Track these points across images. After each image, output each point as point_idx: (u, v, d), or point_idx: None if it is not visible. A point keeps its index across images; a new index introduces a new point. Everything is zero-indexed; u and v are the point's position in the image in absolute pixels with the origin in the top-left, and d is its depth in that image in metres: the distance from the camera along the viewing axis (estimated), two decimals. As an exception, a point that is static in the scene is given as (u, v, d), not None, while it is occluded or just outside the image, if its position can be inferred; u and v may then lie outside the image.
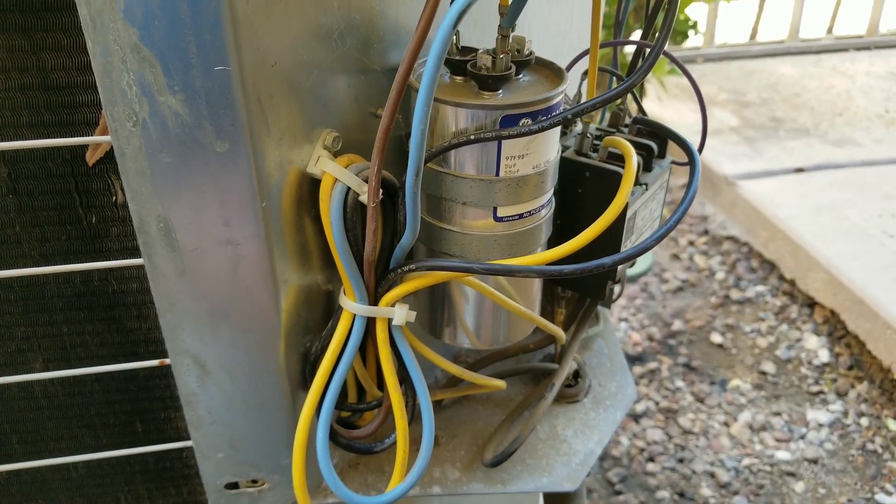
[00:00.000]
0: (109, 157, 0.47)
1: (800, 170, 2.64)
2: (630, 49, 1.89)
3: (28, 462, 0.59)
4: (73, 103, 0.45)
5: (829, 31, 3.99)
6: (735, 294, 2.23)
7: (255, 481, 0.61)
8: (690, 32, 2.75)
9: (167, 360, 0.54)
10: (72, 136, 0.46)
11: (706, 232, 2.54)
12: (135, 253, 0.51)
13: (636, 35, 2.09)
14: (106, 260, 0.51)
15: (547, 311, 0.73)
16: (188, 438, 0.58)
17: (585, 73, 0.64)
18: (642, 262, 2.32)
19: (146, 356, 0.56)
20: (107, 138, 0.45)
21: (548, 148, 0.52)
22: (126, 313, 0.54)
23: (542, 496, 0.81)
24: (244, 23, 0.40)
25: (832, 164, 2.68)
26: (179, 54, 0.40)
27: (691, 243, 2.50)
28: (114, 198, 0.49)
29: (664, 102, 2.92)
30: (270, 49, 0.43)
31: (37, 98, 0.44)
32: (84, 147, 0.47)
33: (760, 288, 2.25)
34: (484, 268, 0.49)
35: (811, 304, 2.14)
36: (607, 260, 0.47)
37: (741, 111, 3.16)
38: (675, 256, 2.45)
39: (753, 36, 3.94)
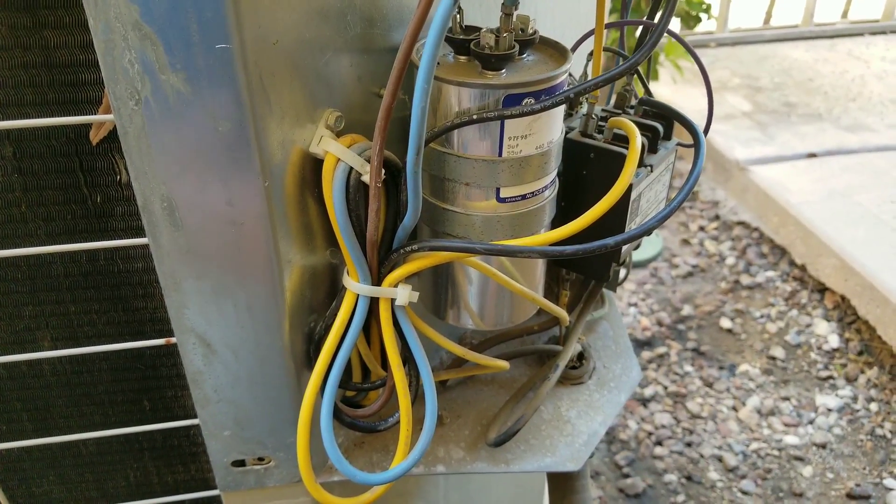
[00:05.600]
0: (113, 136, 0.47)
1: (812, 155, 2.62)
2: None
3: (38, 439, 0.60)
4: (77, 81, 0.45)
5: (844, 15, 3.93)
6: (745, 279, 2.22)
7: (261, 459, 0.62)
8: (703, 16, 2.72)
9: (173, 339, 0.55)
10: (75, 115, 0.46)
11: (717, 217, 2.53)
12: (140, 232, 0.51)
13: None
14: (111, 239, 0.52)
15: (552, 293, 0.73)
16: (195, 416, 0.59)
17: (592, 54, 0.64)
18: (652, 247, 2.31)
19: (152, 335, 0.56)
20: (110, 117, 0.46)
21: (551, 128, 0.52)
22: (132, 292, 0.54)
23: (547, 476, 0.82)
24: (245, 0, 0.40)
25: (845, 149, 2.65)
26: (180, 32, 0.40)
27: (702, 228, 2.49)
28: (118, 177, 0.49)
29: (677, 88, 2.90)
30: (272, 27, 0.43)
31: (40, 76, 0.45)
32: (88, 126, 0.47)
33: (771, 273, 2.24)
34: (486, 248, 0.49)
35: (822, 289, 2.12)
36: (610, 240, 0.47)
37: (754, 96, 3.13)
38: (686, 241, 2.44)
39: (767, 20, 3.89)
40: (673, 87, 2.91)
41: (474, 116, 0.49)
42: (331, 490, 0.58)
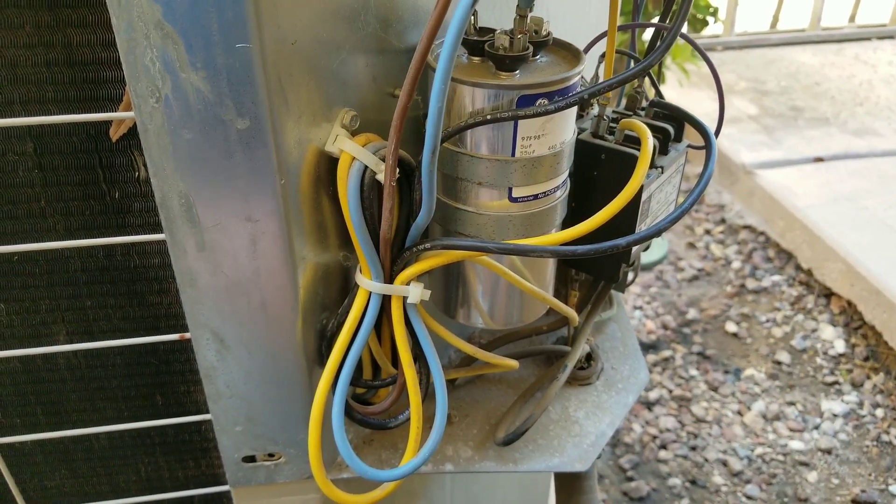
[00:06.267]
0: (133, 133, 0.48)
1: (819, 159, 2.62)
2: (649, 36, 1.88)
3: (52, 433, 0.61)
4: (98, 79, 0.46)
5: (852, 19, 3.93)
6: (751, 283, 2.22)
7: (271, 455, 0.62)
8: (710, 20, 2.72)
9: (187, 335, 0.56)
10: (96, 112, 0.47)
11: (723, 221, 2.53)
12: (157, 228, 0.52)
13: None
14: (128, 235, 0.52)
15: (561, 294, 0.74)
16: (207, 412, 0.59)
17: (603, 56, 0.64)
18: (658, 250, 2.31)
19: (167, 330, 0.57)
20: (130, 114, 0.46)
21: (564, 129, 0.53)
22: (147, 288, 0.55)
23: (554, 476, 0.82)
24: (265, 0, 0.41)
25: (852, 153, 2.65)
26: (201, 31, 0.41)
27: (708, 232, 2.49)
28: (136, 173, 0.50)
29: (683, 91, 2.90)
30: (290, 27, 0.43)
31: (62, 74, 0.45)
32: (108, 123, 0.48)
33: (776, 277, 2.23)
34: (498, 247, 0.50)
35: (828, 294, 2.12)
36: (621, 241, 0.48)
37: (760, 100, 3.13)
38: (691, 245, 2.44)
39: (774, 24, 3.89)
40: (679, 90, 2.91)
41: (488, 116, 0.49)
42: (339, 486, 0.58)
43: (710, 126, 0.60)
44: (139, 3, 0.40)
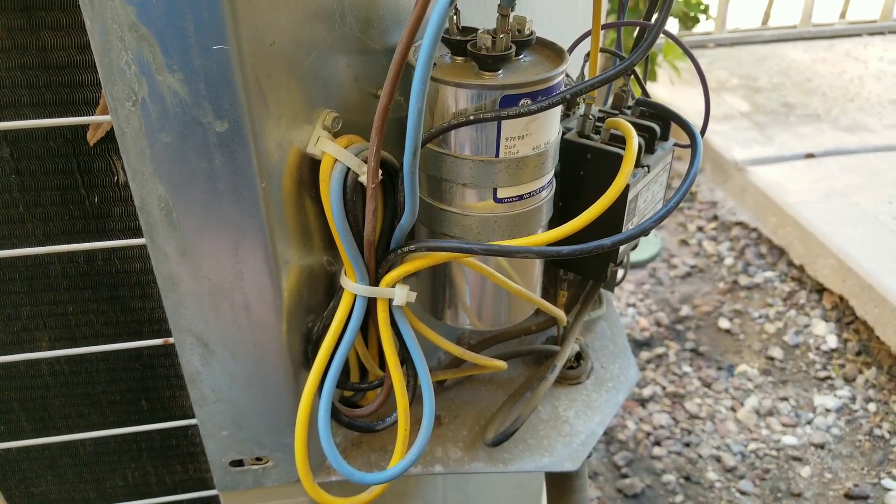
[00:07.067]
0: (110, 137, 0.47)
1: (810, 155, 2.62)
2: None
3: (36, 439, 0.60)
4: (74, 83, 0.45)
5: (843, 15, 3.94)
6: (743, 280, 2.22)
7: (259, 459, 0.62)
8: (702, 17, 2.72)
9: (171, 339, 0.55)
10: (73, 116, 0.46)
11: (715, 217, 2.53)
12: (137, 233, 0.51)
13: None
14: (109, 239, 0.52)
15: (549, 294, 0.74)
16: (193, 416, 0.59)
17: (589, 55, 0.64)
18: (650, 248, 2.31)
19: (150, 335, 0.57)
20: (107, 118, 0.46)
21: (548, 129, 0.52)
22: (130, 293, 0.54)
23: (545, 476, 0.82)
24: (242, 1, 0.40)
25: (843, 149, 2.65)
26: (177, 33, 0.40)
27: (700, 229, 2.49)
28: (115, 178, 0.49)
29: (675, 89, 2.90)
30: (269, 28, 0.43)
31: (37, 77, 0.45)
32: (85, 127, 0.47)
33: (769, 274, 2.24)
34: (483, 248, 0.49)
35: (820, 289, 2.13)
36: (606, 241, 0.47)
37: (752, 96, 3.13)
38: (684, 242, 2.44)
39: (765, 21, 3.89)
40: (671, 87, 2.91)
41: (471, 117, 0.49)
42: (329, 490, 0.58)
43: (699, 124, 0.60)
44: (113, 4, 0.39)
